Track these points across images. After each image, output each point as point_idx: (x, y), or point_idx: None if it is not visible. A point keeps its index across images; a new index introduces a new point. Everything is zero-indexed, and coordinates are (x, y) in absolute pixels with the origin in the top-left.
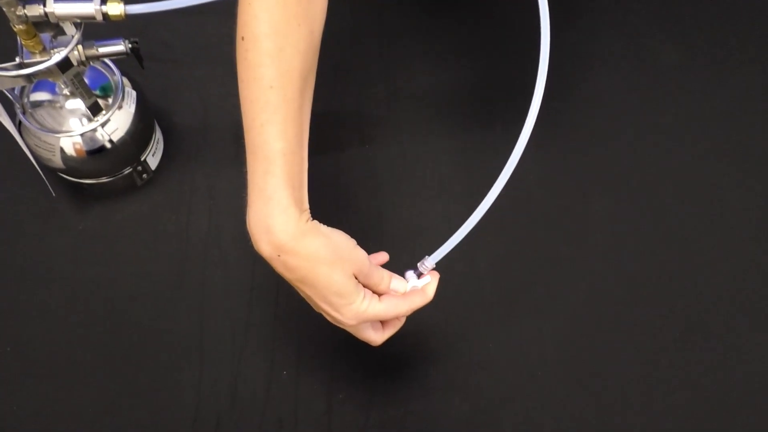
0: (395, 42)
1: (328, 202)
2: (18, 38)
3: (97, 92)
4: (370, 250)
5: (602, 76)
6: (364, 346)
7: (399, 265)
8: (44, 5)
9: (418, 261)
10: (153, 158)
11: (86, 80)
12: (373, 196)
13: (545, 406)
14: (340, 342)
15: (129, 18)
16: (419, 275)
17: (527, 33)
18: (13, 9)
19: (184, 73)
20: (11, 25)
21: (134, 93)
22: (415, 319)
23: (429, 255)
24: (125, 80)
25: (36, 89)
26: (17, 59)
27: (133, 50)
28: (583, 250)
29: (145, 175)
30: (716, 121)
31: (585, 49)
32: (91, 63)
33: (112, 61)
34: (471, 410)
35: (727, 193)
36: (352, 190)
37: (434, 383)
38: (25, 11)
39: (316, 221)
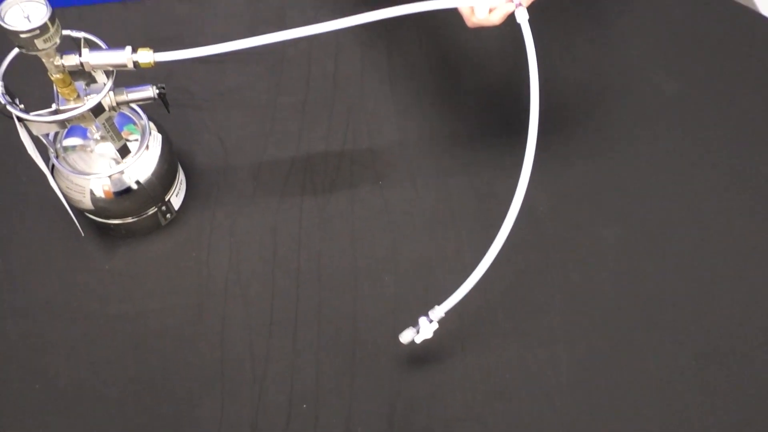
0: (405, 83)
1: (344, 236)
2: (54, 86)
3: (123, 135)
4: (385, 284)
5: (606, 108)
6: (381, 379)
7: (412, 298)
8: (80, 55)
9: (432, 294)
10: (176, 198)
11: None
12: (387, 230)
13: None
14: (359, 376)
15: (156, 66)
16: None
17: (522, 69)
18: (52, 59)
19: (205, 117)
20: (49, 74)
21: (160, 136)
22: (432, 349)
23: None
24: (151, 124)
25: (69, 134)
26: (53, 106)
27: (161, 95)
28: (595, 278)
29: (168, 215)
30: (720, 148)
31: (588, 82)
32: (120, 108)
33: (139, 106)
34: None
35: (735, 218)
36: (366, 225)
37: (453, 414)
38: (63, 61)
39: None
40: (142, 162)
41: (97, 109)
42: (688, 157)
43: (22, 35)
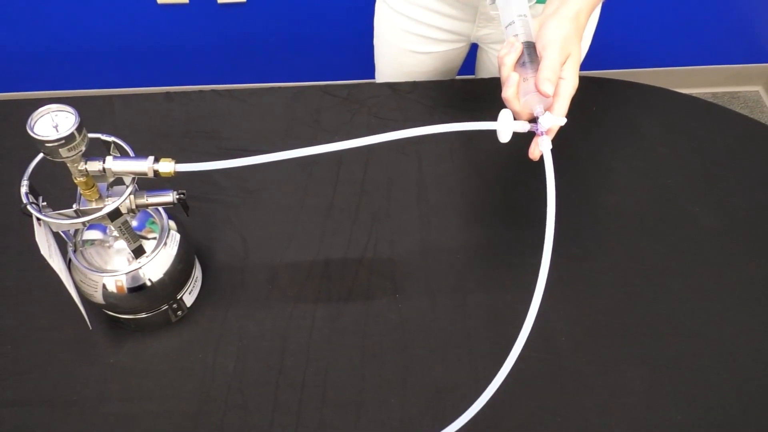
0: (432, 194)
1: (354, 351)
2: (77, 187)
3: (143, 233)
4: (391, 407)
5: (642, 238)
6: None
7: (417, 426)
8: (103, 162)
9: (439, 424)
10: (189, 296)
11: (135, 221)
12: (399, 348)
13: None
14: None
15: (177, 174)
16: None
17: (559, 192)
18: (76, 165)
19: (231, 214)
20: (73, 178)
21: (178, 236)
22: None
23: None
24: (171, 223)
25: (89, 228)
26: (74, 206)
27: (180, 201)
28: (615, 421)
29: (179, 312)
30: (756, 289)
31: (626, 211)
32: (139, 210)
33: None
34: None
35: None
36: (379, 341)
37: None
38: (86, 167)
39: None
40: (157, 261)
41: (115, 213)
42: (722, 297)
43: (48, 144)
